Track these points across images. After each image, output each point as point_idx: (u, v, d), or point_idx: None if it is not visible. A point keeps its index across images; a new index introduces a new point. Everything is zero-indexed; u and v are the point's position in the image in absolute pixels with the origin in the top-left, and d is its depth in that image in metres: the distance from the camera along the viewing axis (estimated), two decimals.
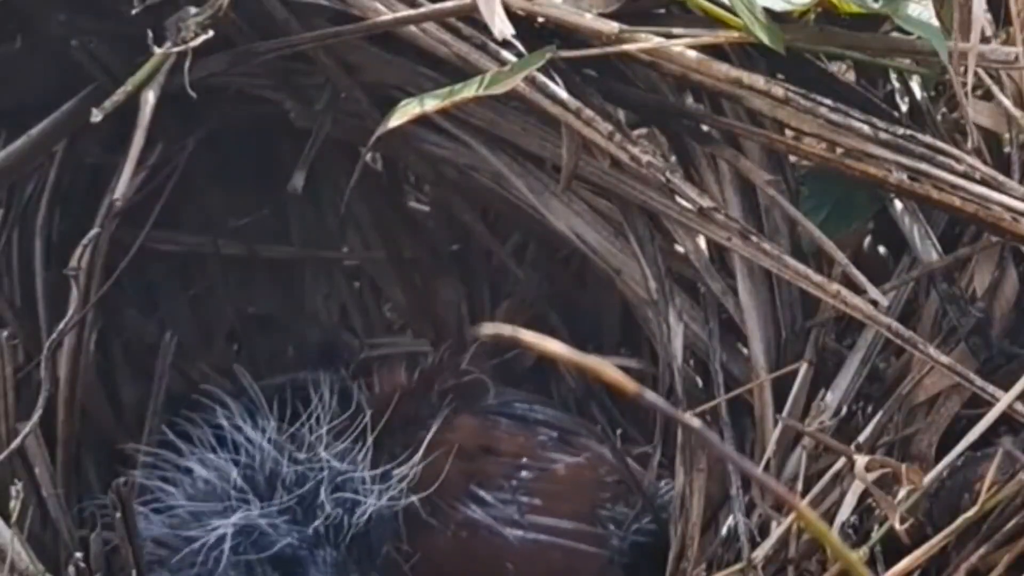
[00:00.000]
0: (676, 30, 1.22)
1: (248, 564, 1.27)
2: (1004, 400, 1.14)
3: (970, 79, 1.19)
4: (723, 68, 1.21)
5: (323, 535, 1.28)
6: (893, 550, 1.14)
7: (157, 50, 1.22)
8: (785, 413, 1.23)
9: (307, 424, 1.31)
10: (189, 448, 1.33)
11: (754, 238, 1.22)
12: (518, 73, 1.20)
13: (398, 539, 1.30)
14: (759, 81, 1.21)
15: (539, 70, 1.21)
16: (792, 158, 1.29)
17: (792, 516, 1.18)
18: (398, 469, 1.29)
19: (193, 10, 1.24)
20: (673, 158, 1.35)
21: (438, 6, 1.25)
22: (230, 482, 1.29)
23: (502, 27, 1.21)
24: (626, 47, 1.22)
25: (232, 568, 1.27)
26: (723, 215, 1.24)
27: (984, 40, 1.20)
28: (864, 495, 1.16)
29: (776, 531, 1.19)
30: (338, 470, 1.29)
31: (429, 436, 1.31)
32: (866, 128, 1.19)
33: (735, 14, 1.19)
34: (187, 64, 1.22)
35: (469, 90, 1.20)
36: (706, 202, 1.23)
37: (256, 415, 1.33)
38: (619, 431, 1.41)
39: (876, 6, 1.22)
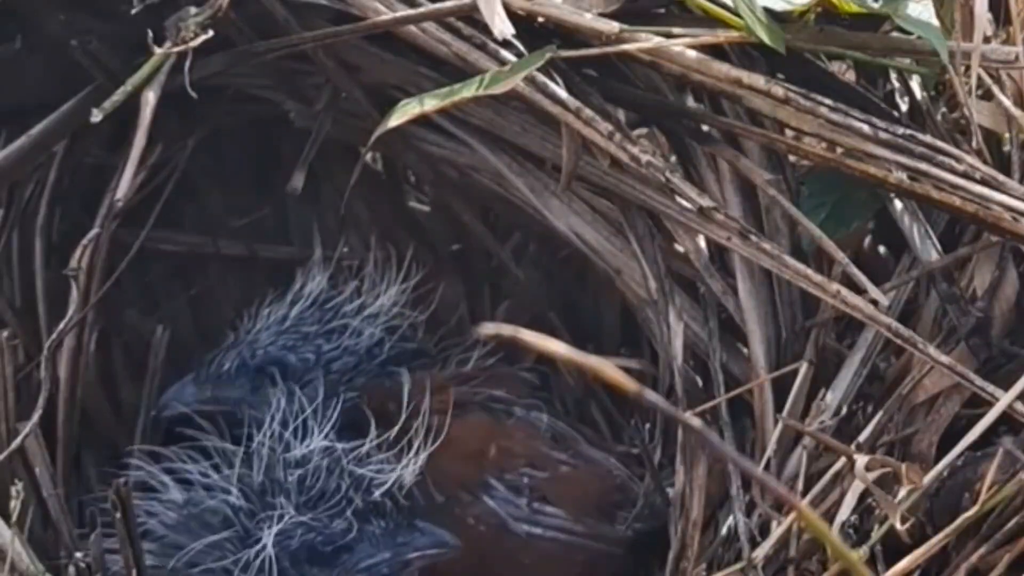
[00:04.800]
0: (676, 30, 1.22)
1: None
2: (1004, 400, 1.14)
3: (974, 79, 1.19)
4: (723, 68, 1.21)
5: (370, 509, 1.26)
6: (893, 550, 1.14)
7: (157, 50, 1.22)
8: (785, 413, 1.23)
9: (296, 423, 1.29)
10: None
11: (754, 238, 1.22)
12: (518, 73, 1.20)
13: None
14: (759, 81, 1.21)
15: (539, 70, 1.21)
16: (792, 158, 1.29)
17: (792, 516, 1.18)
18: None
19: (193, 10, 1.24)
20: (673, 158, 1.35)
21: (438, 6, 1.25)
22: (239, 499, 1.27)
23: (502, 27, 1.21)
24: (626, 47, 1.22)
25: None
26: (723, 215, 1.24)
27: (984, 40, 1.20)
28: (864, 495, 1.16)
29: (776, 531, 1.19)
30: (349, 453, 1.27)
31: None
32: (866, 128, 1.19)
33: (735, 14, 1.19)
34: (187, 64, 1.22)
35: (469, 90, 1.20)
36: (706, 202, 1.23)
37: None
38: (619, 431, 1.41)
39: (876, 6, 1.22)
